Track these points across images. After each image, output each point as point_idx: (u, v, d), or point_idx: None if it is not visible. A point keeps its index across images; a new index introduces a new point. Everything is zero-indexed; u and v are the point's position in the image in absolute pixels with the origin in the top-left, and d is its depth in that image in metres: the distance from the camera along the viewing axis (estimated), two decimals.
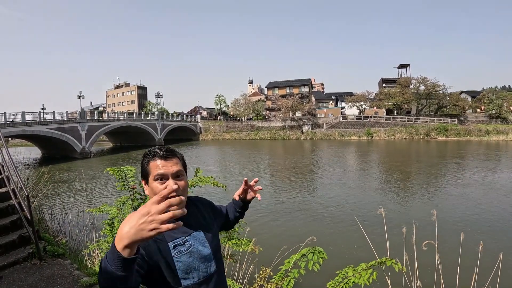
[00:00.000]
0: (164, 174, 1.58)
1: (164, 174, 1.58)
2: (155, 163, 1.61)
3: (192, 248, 1.59)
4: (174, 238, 1.56)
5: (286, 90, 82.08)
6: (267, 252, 5.30)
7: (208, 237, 1.70)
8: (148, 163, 1.64)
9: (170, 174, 1.59)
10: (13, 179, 6.17)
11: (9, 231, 5.53)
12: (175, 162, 1.64)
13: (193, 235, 1.64)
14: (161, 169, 1.59)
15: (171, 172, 1.59)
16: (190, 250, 1.58)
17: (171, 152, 1.66)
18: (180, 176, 1.63)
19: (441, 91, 66.29)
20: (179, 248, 1.55)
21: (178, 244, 1.56)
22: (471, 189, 16.10)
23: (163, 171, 1.58)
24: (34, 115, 35.95)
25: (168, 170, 1.59)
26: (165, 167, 1.59)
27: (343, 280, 2.94)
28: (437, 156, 31.63)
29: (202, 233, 1.68)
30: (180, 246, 1.56)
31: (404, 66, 78.24)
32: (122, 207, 4.69)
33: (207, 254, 1.64)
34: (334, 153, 37.90)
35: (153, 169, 1.60)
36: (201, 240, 1.66)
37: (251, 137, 67.36)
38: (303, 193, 16.47)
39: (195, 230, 1.66)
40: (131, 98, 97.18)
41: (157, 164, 1.60)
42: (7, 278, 4.61)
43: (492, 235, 9.67)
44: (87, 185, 15.66)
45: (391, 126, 60.44)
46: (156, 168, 1.60)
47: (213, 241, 1.72)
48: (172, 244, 1.54)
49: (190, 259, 1.57)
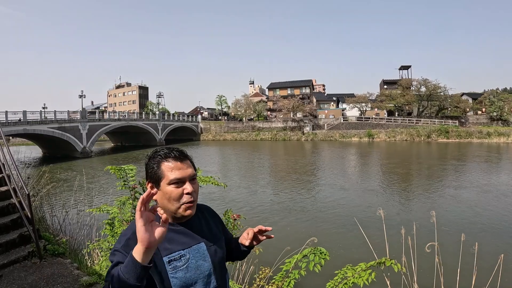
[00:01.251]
0: (182, 177, 1.46)
1: (182, 177, 1.46)
2: (168, 165, 1.47)
3: (189, 263, 1.47)
4: (169, 252, 1.45)
5: (287, 91, 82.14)
6: (268, 253, 5.29)
7: (210, 251, 1.57)
8: (159, 165, 1.49)
9: (187, 177, 1.48)
10: (14, 178, 6.18)
11: (10, 230, 5.53)
12: (189, 165, 1.53)
13: (193, 248, 1.51)
14: (178, 172, 1.46)
15: (188, 175, 1.49)
16: (187, 265, 1.46)
17: (184, 154, 1.54)
18: (194, 179, 1.53)
19: (442, 92, 66.33)
20: (174, 263, 1.43)
21: (174, 259, 1.44)
22: (472, 191, 16.09)
23: (181, 175, 1.46)
24: (35, 114, 36.04)
25: (185, 174, 1.48)
26: (182, 169, 1.48)
27: (342, 281, 2.94)
28: (438, 158, 31.60)
29: (203, 246, 1.55)
30: (176, 261, 1.44)
31: (405, 68, 78.23)
32: (122, 207, 4.68)
33: (207, 269, 1.52)
34: (335, 154, 37.89)
35: (167, 172, 1.46)
36: (202, 253, 1.53)
37: (252, 138, 67.37)
38: (303, 194, 16.47)
39: (196, 242, 1.54)
40: (132, 98, 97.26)
41: (171, 166, 1.47)
42: (7, 276, 4.61)
43: (492, 236, 9.67)
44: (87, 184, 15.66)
45: (392, 127, 60.41)
46: (171, 170, 1.46)
47: (216, 254, 1.59)
48: (167, 259, 1.43)
49: (187, 275, 1.45)
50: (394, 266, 2.90)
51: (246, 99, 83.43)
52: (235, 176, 23.01)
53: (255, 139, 66.23)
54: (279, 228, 11.01)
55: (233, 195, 15.78)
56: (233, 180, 20.34)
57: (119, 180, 4.65)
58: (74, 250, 6.44)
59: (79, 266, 5.12)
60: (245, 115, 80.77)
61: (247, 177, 22.54)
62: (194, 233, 1.55)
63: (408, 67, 78.11)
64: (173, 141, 63.60)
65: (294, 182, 19.98)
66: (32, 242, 5.33)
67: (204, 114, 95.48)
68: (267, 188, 18.49)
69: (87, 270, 5.12)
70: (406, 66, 78.09)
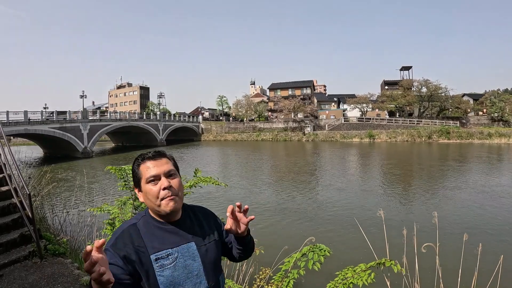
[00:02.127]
0: (156, 174, 1.52)
1: (156, 174, 1.52)
2: (144, 166, 1.55)
3: (177, 262, 1.49)
4: (157, 250, 1.47)
5: (288, 91, 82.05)
6: (268, 253, 5.30)
7: (201, 251, 1.58)
8: (138, 167, 1.57)
9: (162, 173, 1.53)
10: (14, 178, 6.18)
11: (10, 230, 5.54)
12: (166, 162, 1.58)
13: (182, 247, 1.53)
14: (152, 170, 1.53)
15: (163, 171, 1.54)
16: (174, 264, 1.48)
17: (159, 153, 1.61)
18: (172, 175, 1.57)
19: (443, 93, 66.31)
20: (161, 261, 1.46)
21: (161, 257, 1.46)
22: (472, 191, 16.07)
23: (155, 172, 1.53)
24: (36, 114, 36.09)
25: (159, 170, 1.53)
26: (156, 167, 1.54)
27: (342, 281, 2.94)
28: (439, 159, 31.56)
29: (193, 246, 1.57)
30: (163, 259, 1.47)
31: (406, 68, 78.19)
32: (123, 207, 4.69)
33: (195, 269, 1.53)
34: (336, 155, 37.88)
35: (144, 172, 1.54)
36: (192, 253, 1.55)
37: (252, 138, 67.36)
38: (303, 194, 16.46)
39: (186, 241, 1.56)
40: (133, 98, 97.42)
41: (147, 165, 1.55)
42: (7, 276, 4.62)
43: (493, 237, 9.66)
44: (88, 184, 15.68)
45: (393, 128, 60.37)
46: (147, 169, 1.54)
47: (207, 255, 1.59)
48: (154, 257, 1.46)
49: (175, 273, 1.46)
50: (393, 267, 2.90)
51: (247, 99, 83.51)
52: (235, 176, 23.01)
53: (256, 140, 66.22)
54: (280, 228, 11.01)
55: (233, 195, 15.76)
56: (233, 181, 20.34)
57: (119, 181, 4.66)
58: (75, 250, 6.45)
59: (79, 266, 5.12)
60: (246, 115, 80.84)
61: (247, 177, 22.52)
62: (184, 233, 1.57)
63: (409, 67, 78.05)
64: (174, 142, 63.63)
65: (294, 182, 19.97)
66: (32, 242, 5.34)
67: (205, 115, 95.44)
68: (267, 188, 18.48)
69: None
70: (407, 67, 78.02)
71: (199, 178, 4.68)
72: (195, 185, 4.61)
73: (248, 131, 71.66)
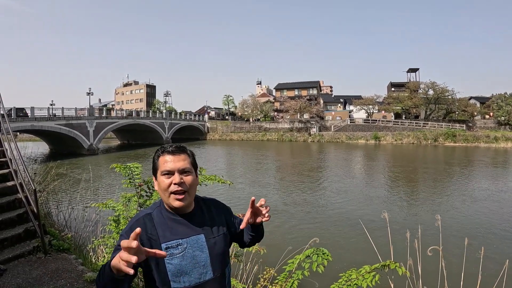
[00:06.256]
0: (170, 170, 1.59)
1: (170, 170, 1.59)
2: (163, 158, 1.62)
3: (185, 252, 1.57)
4: (168, 240, 1.57)
5: (295, 92, 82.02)
6: (271, 253, 5.29)
7: (210, 243, 1.66)
8: (158, 158, 1.65)
9: (176, 169, 1.59)
10: (20, 173, 6.23)
11: (15, 225, 5.58)
12: (183, 158, 1.64)
13: (192, 238, 1.61)
14: (168, 164, 1.60)
15: (177, 168, 1.60)
16: (183, 253, 1.57)
17: (180, 148, 1.67)
18: (187, 172, 1.63)
19: (450, 96, 65.88)
20: (171, 250, 1.55)
21: (171, 246, 1.56)
22: (478, 195, 15.94)
23: (170, 167, 1.59)
24: (43, 111, 36.33)
25: (174, 166, 1.60)
26: (173, 162, 1.60)
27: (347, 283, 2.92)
28: (444, 162, 31.35)
29: (203, 238, 1.65)
30: (173, 248, 1.56)
31: (413, 70, 77.84)
32: (128, 204, 4.70)
33: (203, 260, 1.61)
34: (341, 156, 37.77)
35: (161, 164, 1.62)
36: (200, 245, 1.62)
37: (258, 138, 67.34)
38: (308, 195, 16.43)
39: (195, 233, 1.64)
40: (139, 96, 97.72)
41: (166, 159, 1.61)
42: (11, 270, 4.65)
43: (498, 242, 9.58)
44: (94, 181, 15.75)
45: (399, 130, 60.05)
46: (164, 163, 1.61)
47: (215, 247, 1.67)
48: (165, 246, 1.55)
49: (183, 263, 1.55)
50: (398, 269, 2.89)
51: (253, 99, 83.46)
52: (240, 176, 23.03)
53: (262, 140, 66.19)
54: (284, 228, 11.00)
55: (237, 195, 15.77)
56: (238, 180, 20.33)
57: (124, 178, 4.67)
58: (79, 246, 6.47)
59: (83, 262, 5.15)
60: (252, 115, 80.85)
61: (252, 177, 22.54)
62: (194, 225, 1.66)
63: (416, 69, 77.71)
64: (180, 140, 63.67)
65: (299, 183, 19.95)
66: (37, 237, 5.37)
67: (211, 114, 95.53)
68: (271, 188, 18.48)
69: (92, 266, 5.15)
70: (414, 69, 77.69)
71: (204, 176, 4.69)
72: (200, 183, 4.61)
73: (254, 130, 71.59)
